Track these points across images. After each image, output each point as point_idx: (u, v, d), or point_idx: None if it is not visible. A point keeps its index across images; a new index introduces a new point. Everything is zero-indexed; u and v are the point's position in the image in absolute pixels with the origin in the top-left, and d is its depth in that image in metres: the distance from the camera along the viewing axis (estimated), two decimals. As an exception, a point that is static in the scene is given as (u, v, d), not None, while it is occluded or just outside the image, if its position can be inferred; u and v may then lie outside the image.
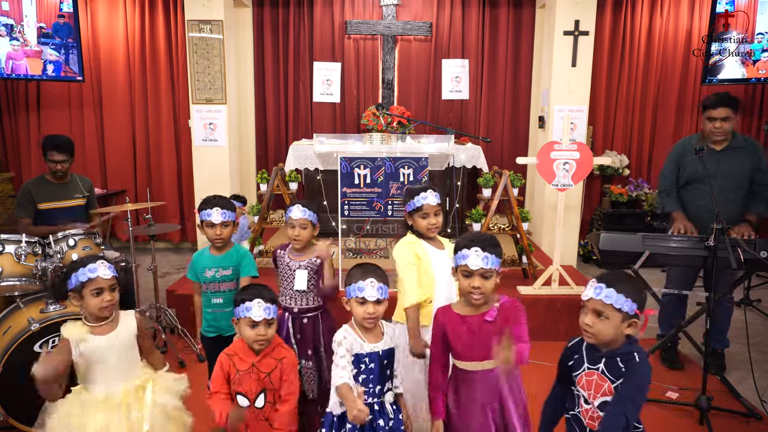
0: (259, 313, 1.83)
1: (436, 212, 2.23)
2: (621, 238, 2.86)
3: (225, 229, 2.41)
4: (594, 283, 1.64)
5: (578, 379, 1.68)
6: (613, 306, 1.57)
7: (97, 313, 1.90)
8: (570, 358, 1.73)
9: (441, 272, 2.23)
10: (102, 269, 1.87)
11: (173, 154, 5.78)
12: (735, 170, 3.08)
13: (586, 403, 1.66)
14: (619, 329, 1.59)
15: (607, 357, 1.62)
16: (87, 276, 1.86)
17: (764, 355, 3.54)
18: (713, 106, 3.04)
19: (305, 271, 2.37)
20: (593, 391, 1.63)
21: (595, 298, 1.61)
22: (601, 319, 1.60)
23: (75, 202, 3.56)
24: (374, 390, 1.84)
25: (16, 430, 2.51)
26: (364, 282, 1.80)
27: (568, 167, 3.63)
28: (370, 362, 1.83)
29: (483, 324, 1.79)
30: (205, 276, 2.43)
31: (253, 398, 1.88)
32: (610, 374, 1.61)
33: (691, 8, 5.50)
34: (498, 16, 5.64)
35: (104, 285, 1.88)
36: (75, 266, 1.89)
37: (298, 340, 2.36)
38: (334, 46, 5.71)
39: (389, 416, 1.85)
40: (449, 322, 1.83)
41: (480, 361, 1.79)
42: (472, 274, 1.75)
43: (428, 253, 2.25)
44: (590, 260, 5.60)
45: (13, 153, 5.70)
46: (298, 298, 2.38)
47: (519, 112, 5.81)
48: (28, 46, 4.92)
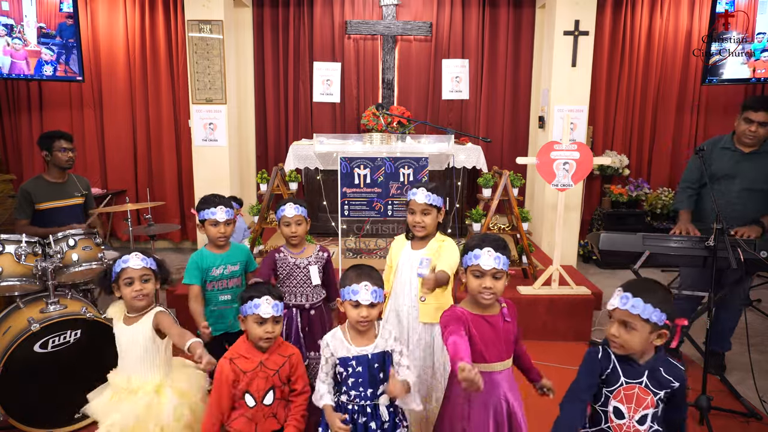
0: (268, 310, 1.84)
1: (423, 211, 2.18)
2: (621, 238, 2.86)
3: (228, 227, 2.45)
4: (620, 292, 1.56)
5: (615, 393, 1.61)
6: (640, 317, 1.51)
7: (130, 302, 2.00)
8: (602, 373, 1.64)
9: (403, 271, 2.25)
10: (134, 260, 1.98)
11: (173, 154, 5.78)
12: (756, 173, 3.01)
13: (619, 417, 1.60)
14: (647, 340, 1.53)
15: (650, 370, 1.57)
16: (120, 266, 1.98)
17: (764, 356, 3.54)
18: (754, 108, 2.94)
19: (316, 266, 2.45)
20: (634, 405, 1.58)
21: (621, 308, 1.54)
22: (628, 330, 1.53)
23: (74, 201, 3.56)
24: (365, 393, 1.83)
25: (16, 430, 2.51)
26: (359, 285, 1.80)
27: (568, 167, 3.63)
28: (357, 366, 1.82)
29: (503, 323, 1.80)
30: (213, 275, 2.44)
31: (261, 396, 1.88)
32: (653, 387, 1.56)
33: (691, 8, 5.50)
34: (498, 16, 5.64)
35: (134, 275, 1.98)
36: (115, 259, 2.02)
37: (306, 333, 2.40)
38: (334, 46, 5.71)
39: (383, 419, 1.83)
40: (473, 323, 1.78)
41: (496, 362, 1.80)
42: (483, 274, 1.74)
43: (400, 252, 2.28)
44: (590, 260, 5.59)
45: (14, 153, 5.70)
46: (310, 294, 2.44)
47: (519, 112, 5.81)
48: (28, 46, 4.92)
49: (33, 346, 2.50)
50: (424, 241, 2.26)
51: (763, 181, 3.02)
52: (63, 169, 3.49)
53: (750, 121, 2.96)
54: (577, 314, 3.72)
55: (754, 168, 3.02)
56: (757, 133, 2.95)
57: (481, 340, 1.77)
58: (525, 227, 3.98)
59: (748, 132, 2.97)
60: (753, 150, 3.03)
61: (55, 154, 3.42)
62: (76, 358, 2.57)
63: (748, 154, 3.04)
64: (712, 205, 3.09)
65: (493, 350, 1.78)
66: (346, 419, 1.81)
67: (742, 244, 2.63)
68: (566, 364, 3.35)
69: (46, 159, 3.47)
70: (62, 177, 3.53)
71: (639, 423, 1.57)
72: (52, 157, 3.43)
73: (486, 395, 1.79)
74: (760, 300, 4.43)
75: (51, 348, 2.54)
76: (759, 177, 3.02)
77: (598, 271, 5.33)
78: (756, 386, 2.88)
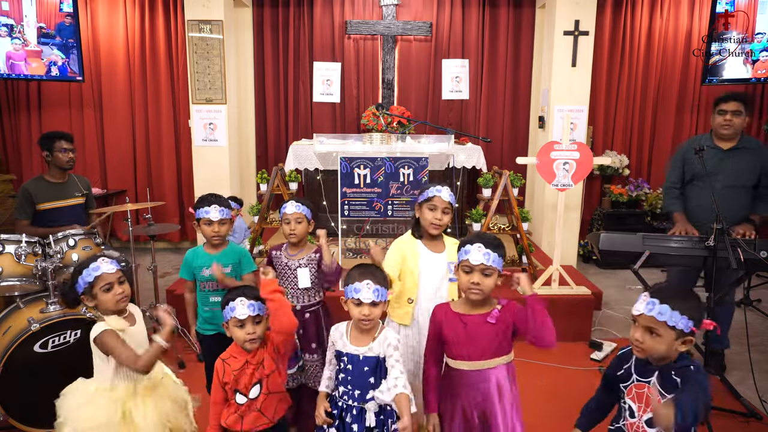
0: (243, 311, 1.83)
1: (445, 209, 2.17)
2: (621, 238, 2.86)
3: (222, 227, 2.42)
4: (646, 298, 1.54)
5: (627, 390, 1.62)
6: (666, 324, 1.48)
7: (115, 306, 1.95)
8: (619, 368, 1.66)
9: (428, 274, 2.20)
10: (105, 265, 1.92)
11: (173, 154, 5.78)
12: (738, 170, 3.07)
13: (632, 416, 1.60)
14: (672, 347, 1.51)
15: (661, 370, 1.56)
16: (92, 275, 1.90)
17: (764, 355, 3.54)
18: (724, 99, 3.05)
19: (306, 269, 2.40)
20: (643, 405, 1.57)
21: (647, 314, 1.51)
22: (653, 336, 1.51)
23: (74, 201, 3.56)
24: (353, 392, 1.83)
25: (16, 430, 2.51)
26: (361, 284, 1.80)
27: (568, 167, 3.63)
28: (348, 363, 1.84)
29: (482, 324, 1.78)
30: (203, 275, 2.43)
31: (248, 391, 1.88)
32: (663, 388, 1.54)
33: (691, 8, 5.50)
34: (498, 16, 5.64)
35: (112, 279, 1.93)
36: (78, 270, 1.93)
37: (300, 335, 2.39)
38: (334, 46, 5.71)
39: (368, 425, 1.81)
40: (446, 319, 1.83)
41: (472, 360, 1.79)
42: (472, 269, 1.75)
43: (418, 254, 2.22)
44: (590, 260, 5.60)
45: (14, 153, 5.70)
46: (300, 296, 2.41)
47: (519, 112, 5.81)
48: (28, 46, 4.92)
49: (33, 346, 2.50)
50: (438, 242, 2.24)
51: (745, 177, 3.08)
52: (63, 170, 3.49)
53: (723, 112, 3.05)
54: (577, 314, 3.72)
55: (736, 164, 3.08)
56: (732, 122, 3.04)
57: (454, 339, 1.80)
58: (525, 227, 3.98)
59: (723, 122, 3.06)
60: (732, 146, 3.09)
61: (55, 155, 3.42)
62: (76, 358, 2.57)
63: (728, 151, 3.10)
64: (697, 203, 3.15)
65: (463, 349, 1.79)
66: (334, 413, 1.84)
67: (742, 244, 2.63)
68: (566, 364, 3.36)
69: (47, 159, 3.47)
70: (63, 177, 3.53)
71: (648, 425, 1.56)
72: (52, 157, 3.43)
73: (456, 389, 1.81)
74: (760, 300, 4.43)
75: (51, 348, 2.54)
76: (741, 173, 3.08)
77: (598, 271, 5.33)
78: (756, 386, 2.88)
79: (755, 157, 3.08)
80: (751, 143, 3.12)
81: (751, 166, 3.07)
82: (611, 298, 4.55)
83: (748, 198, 3.12)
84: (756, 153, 3.09)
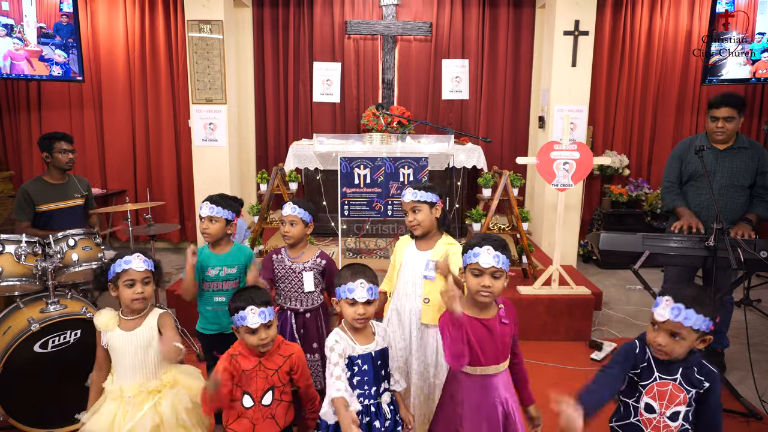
0: (255, 320, 1.83)
1: (413, 208, 2.20)
2: (621, 238, 2.86)
3: (211, 224, 2.41)
4: (670, 303, 1.54)
5: (648, 389, 1.64)
6: (691, 327, 1.53)
7: (130, 304, 1.96)
8: (635, 366, 1.66)
9: (407, 271, 2.24)
10: (136, 262, 1.95)
11: (173, 154, 5.78)
12: (735, 169, 3.09)
13: (650, 412, 1.63)
14: (691, 346, 1.58)
15: (684, 368, 1.60)
16: (122, 267, 1.94)
17: (764, 355, 3.54)
18: (716, 105, 3.05)
19: (311, 272, 2.41)
20: (666, 401, 1.60)
21: (674, 320, 1.53)
22: (677, 340, 1.55)
23: (74, 202, 3.56)
24: (369, 391, 1.83)
25: (16, 430, 2.51)
26: (354, 283, 1.80)
27: (568, 167, 3.63)
28: (363, 364, 1.83)
29: (500, 326, 1.79)
30: (208, 275, 2.43)
31: (260, 397, 1.88)
32: (687, 385, 1.59)
33: (691, 8, 5.50)
34: (498, 16, 5.64)
35: (137, 277, 1.95)
36: (115, 258, 1.98)
37: (301, 335, 2.39)
38: (334, 46, 5.71)
39: (386, 417, 1.85)
40: (470, 326, 1.76)
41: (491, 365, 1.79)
42: (482, 272, 1.73)
43: (404, 252, 2.28)
44: (590, 260, 5.60)
45: (14, 153, 5.70)
46: (304, 299, 2.41)
47: (519, 112, 5.81)
48: (28, 46, 4.92)
49: (33, 346, 2.50)
50: (430, 241, 2.25)
51: (741, 177, 3.09)
52: (63, 171, 3.49)
53: (715, 118, 3.05)
54: (577, 314, 3.72)
55: (732, 165, 3.09)
56: (725, 129, 3.04)
57: (478, 343, 1.76)
58: (525, 227, 3.98)
59: (716, 129, 3.06)
60: (728, 147, 3.10)
61: (55, 156, 3.42)
62: (76, 358, 2.57)
63: (724, 151, 3.11)
64: (696, 203, 3.16)
65: (489, 353, 1.77)
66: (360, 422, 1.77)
67: (742, 244, 2.63)
68: (566, 364, 3.36)
69: (47, 160, 3.46)
70: (62, 178, 3.53)
71: (671, 419, 1.60)
72: (52, 158, 3.43)
73: (479, 398, 1.79)
74: (760, 300, 4.43)
75: (51, 348, 2.54)
76: (737, 173, 3.08)
77: (598, 271, 5.34)
78: (756, 386, 2.88)
79: (751, 156, 3.09)
80: (746, 143, 3.12)
81: (747, 165, 3.08)
82: (611, 298, 4.55)
83: (745, 198, 3.13)
84: (751, 153, 3.09)
